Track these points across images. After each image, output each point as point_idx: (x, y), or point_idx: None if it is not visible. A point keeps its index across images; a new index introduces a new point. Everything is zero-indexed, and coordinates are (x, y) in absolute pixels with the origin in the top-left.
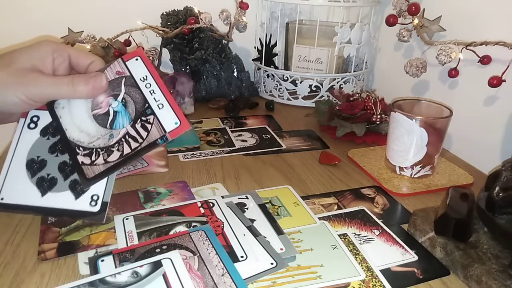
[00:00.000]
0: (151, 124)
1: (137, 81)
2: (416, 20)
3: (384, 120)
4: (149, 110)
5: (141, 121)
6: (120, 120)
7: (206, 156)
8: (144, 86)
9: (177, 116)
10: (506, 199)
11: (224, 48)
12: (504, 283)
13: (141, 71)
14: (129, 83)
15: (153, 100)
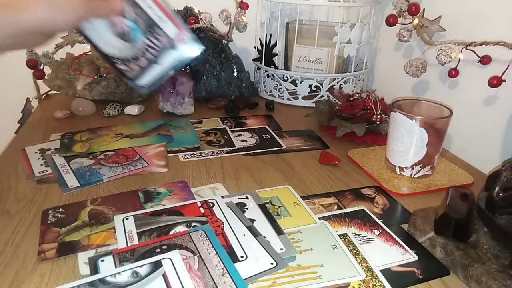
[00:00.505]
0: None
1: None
2: (416, 20)
3: (384, 120)
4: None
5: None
6: (137, 35)
7: (206, 156)
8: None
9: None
10: (506, 199)
11: (224, 48)
12: (504, 283)
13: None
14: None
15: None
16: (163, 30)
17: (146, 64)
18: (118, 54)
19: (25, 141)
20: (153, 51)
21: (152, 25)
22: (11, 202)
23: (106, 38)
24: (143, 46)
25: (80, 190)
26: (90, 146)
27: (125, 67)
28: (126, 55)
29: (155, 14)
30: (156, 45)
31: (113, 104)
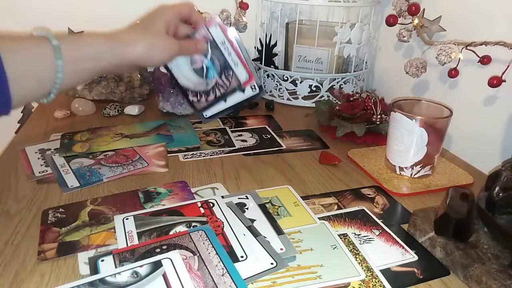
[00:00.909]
0: (231, 76)
1: (218, 45)
2: (416, 20)
3: (384, 120)
4: (229, 66)
5: (224, 74)
6: (211, 73)
7: (206, 156)
8: (224, 48)
9: (247, 72)
10: (506, 199)
11: None
12: (504, 283)
13: (220, 36)
14: (213, 46)
15: (230, 59)
16: (235, 73)
17: (213, 99)
18: (192, 87)
19: (25, 141)
20: (222, 89)
21: (226, 68)
22: (11, 202)
23: (185, 72)
24: (215, 84)
25: (80, 190)
26: (90, 146)
27: (195, 99)
28: (198, 89)
29: (231, 59)
30: (226, 85)
31: (113, 104)
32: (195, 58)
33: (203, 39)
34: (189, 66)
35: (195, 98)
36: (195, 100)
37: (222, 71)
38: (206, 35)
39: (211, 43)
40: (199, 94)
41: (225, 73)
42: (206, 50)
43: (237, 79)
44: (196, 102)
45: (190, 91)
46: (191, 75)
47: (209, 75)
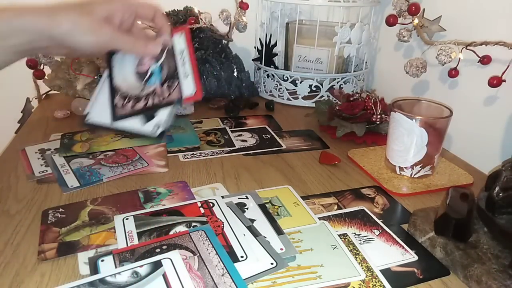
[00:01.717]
0: (174, 88)
1: (176, 53)
2: (416, 20)
3: (384, 120)
4: (176, 76)
5: (167, 83)
6: (153, 79)
7: (206, 156)
8: (180, 58)
9: (195, 87)
10: (506, 199)
11: (224, 48)
12: (504, 283)
13: (181, 44)
14: (170, 53)
15: (182, 69)
16: (181, 85)
17: (141, 108)
18: (124, 89)
19: (25, 141)
20: (157, 99)
21: (173, 77)
22: (11, 202)
23: (125, 71)
24: (151, 91)
25: (80, 190)
26: (90, 146)
27: (120, 103)
28: (130, 93)
29: (184, 69)
30: (164, 95)
31: None
32: (144, 60)
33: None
34: (133, 67)
35: (121, 102)
36: (119, 104)
37: (167, 79)
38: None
39: (168, 50)
40: (128, 98)
41: (169, 82)
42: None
43: (180, 92)
44: (119, 106)
45: (120, 93)
46: (131, 76)
47: (150, 81)
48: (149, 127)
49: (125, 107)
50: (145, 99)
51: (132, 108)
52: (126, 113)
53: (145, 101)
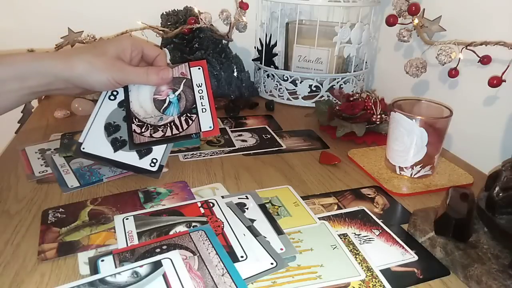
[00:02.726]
0: (193, 121)
1: (194, 85)
2: (416, 20)
3: (384, 120)
4: (195, 110)
5: (186, 116)
6: (172, 109)
7: (206, 156)
8: (198, 91)
9: (213, 122)
10: (506, 199)
11: (224, 48)
12: (504, 283)
13: (199, 78)
14: (187, 85)
15: (200, 104)
16: (199, 119)
17: (159, 137)
18: (142, 115)
19: (25, 141)
20: (175, 130)
21: (191, 110)
22: (11, 202)
23: (142, 98)
24: (169, 122)
25: (80, 190)
26: None
27: (138, 129)
28: (148, 121)
29: (201, 103)
30: (182, 127)
31: None
32: (161, 89)
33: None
34: (151, 95)
35: (139, 129)
36: (138, 131)
37: (185, 112)
38: (185, 73)
39: (186, 81)
40: (146, 126)
41: (187, 115)
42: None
43: (198, 125)
44: (137, 132)
45: (138, 120)
46: (148, 103)
47: (168, 111)
48: (146, 162)
49: (143, 135)
50: (163, 130)
51: (150, 137)
52: (145, 141)
53: (163, 131)
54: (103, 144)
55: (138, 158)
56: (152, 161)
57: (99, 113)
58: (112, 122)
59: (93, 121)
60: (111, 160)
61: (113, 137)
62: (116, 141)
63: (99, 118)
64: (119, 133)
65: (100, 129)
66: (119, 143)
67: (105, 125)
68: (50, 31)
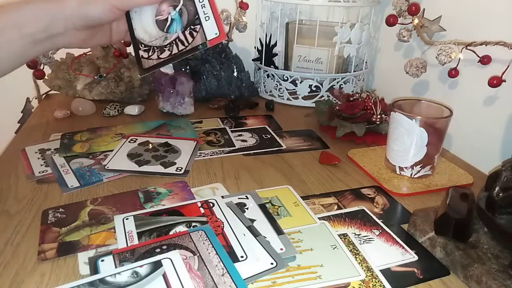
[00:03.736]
0: (197, 32)
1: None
2: (416, 20)
3: (384, 120)
4: (198, 20)
5: (190, 28)
6: (175, 26)
7: (206, 156)
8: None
9: (218, 28)
10: (506, 199)
11: (224, 48)
12: (504, 283)
13: None
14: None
15: (202, 12)
16: (203, 28)
17: (167, 56)
18: (147, 40)
19: (25, 141)
20: (181, 46)
21: (194, 21)
22: (11, 202)
23: (145, 23)
24: (174, 39)
25: (80, 190)
26: (90, 146)
27: (145, 54)
28: (154, 43)
29: (203, 12)
30: (188, 41)
31: (113, 104)
32: (162, 8)
33: None
34: (153, 17)
35: (146, 54)
36: (145, 56)
37: (188, 25)
38: None
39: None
40: (152, 49)
41: (191, 28)
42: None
43: (203, 35)
44: (145, 57)
45: (144, 45)
46: (152, 26)
47: (171, 28)
48: (171, 170)
49: (151, 58)
50: (169, 48)
51: (158, 58)
52: (154, 64)
53: (170, 50)
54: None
55: (163, 168)
56: (177, 169)
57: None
58: (135, 152)
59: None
60: (137, 171)
61: (136, 160)
62: (140, 162)
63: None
64: (143, 157)
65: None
66: (143, 161)
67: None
68: None
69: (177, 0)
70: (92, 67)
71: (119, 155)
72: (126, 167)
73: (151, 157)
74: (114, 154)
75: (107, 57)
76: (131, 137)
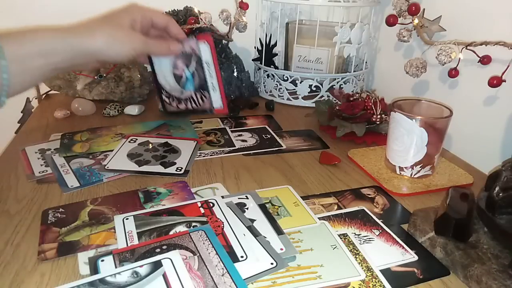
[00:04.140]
0: (206, 98)
1: (203, 64)
2: (416, 20)
3: (384, 120)
4: (206, 87)
5: (200, 92)
6: (188, 85)
7: (206, 156)
8: (206, 69)
9: (222, 102)
10: (506, 199)
11: (224, 48)
12: (504, 283)
13: (207, 55)
14: (199, 63)
15: (210, 82)
16: (211, 97)
17: (183, 109)
18: (167, 88)
19: (25, 141)
20: (194, 104)
21: (204, 87)
22: (11, 202)
23: (165, 72)
24: (189, 96)
25: (80, 190)
26: (90, 146)
27: (167, 100)
28: (173, 93)
29: (212, 82)
30: (199, 103)
31: (113, 104)
32: (178, 64)
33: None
34: (170, 69)
35: (168, 99)
36: (167, 101)
37: (199, 88)
38: (194, 48)
39: (196, 58)
40: (172, 97)
41: (201, 92)
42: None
43: (211, 103)
44: (167, 102)
45: (165, 91)
46: (170, 77)
47: (186, 86)
48: (171, 170)
49: (172, 105)
50: (185, 103)
51: (177, 107)
52: (174, 111)
53: (185, 104)
54: (127, 163)
55: (163, 168)
56: (177, 169)
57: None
58: (135, 152)
59: (117, 151)
60: (137, 171)
61: (136, 160)
62: (140, 162)
63: (121, 151)
64: (142, 157)
65: (123, 157)
66: (143, 161)
67: (128, 154)
68: None
69: (190, 63)
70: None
71: (119, 155)
72: (126, 167)
73: (151, 157)
74: (114, 154)
75: None
76: (131, 137)
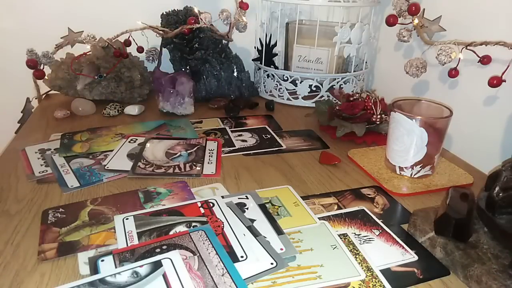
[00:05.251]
0: (196, 167)
1: (206, 150)
2: (416, 20)
3: (384, 120)
4: (201, 161)
5: (192, 163)
6: (180, 159)
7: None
8: (208, 153)
9: (216, 170)
10: (506, 199)
11: (224, 48)
12: (504, 283)
13: (213, 146)
14: (202, 149)
15: (208, 158)
16: (203, 166)
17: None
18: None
19: (25, 141)
20: (177, 170)
21: (198, 161)
22: (11, 202)
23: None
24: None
25: (80, 190)
26: (90, 146)
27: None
28: (154, 162)
29: (210, 159)
30: (185, 169)
31: (113, 104)
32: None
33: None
34: (165, 149)
35: (143, 165)
36: (142, 166)
37: (191, 162)
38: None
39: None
40: (151, 164)
41: (193, 163)
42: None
43: (201, 170)
44: (141, 168)
45: (145, 160)
46: (160, 154)
47: (176, 160)
48: None
49: (146, 169)
50: (166, 169)
51: (152, 171)
52: (146, 173)
53: (165, 170)
54: (127, 163)
55: None
56: None
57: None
58: (135, 152)
59: (116, 152)
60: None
61: (136, 159)
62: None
63: (121, 151)
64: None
65: (123, 157)
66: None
67: (128, 154)
68: (50, 31)
69: (190, 148)
70: (92, 67)
71: (119, 155)
72: (126, 167)
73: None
74: (114, 154)
75: (107, 57)
76: (131, 137)
